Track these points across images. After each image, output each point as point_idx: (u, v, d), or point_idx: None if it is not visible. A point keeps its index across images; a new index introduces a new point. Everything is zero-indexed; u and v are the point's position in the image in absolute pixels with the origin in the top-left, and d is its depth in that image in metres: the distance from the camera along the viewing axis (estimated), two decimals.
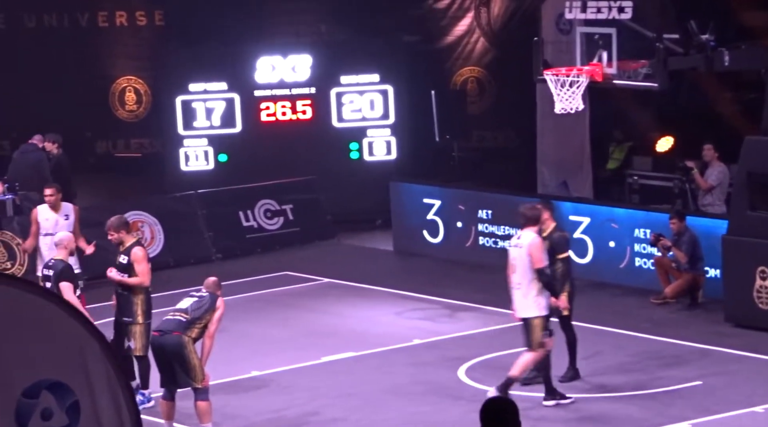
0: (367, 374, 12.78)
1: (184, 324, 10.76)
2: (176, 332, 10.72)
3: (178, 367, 10.70)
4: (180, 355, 10.67)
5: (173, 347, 10.69)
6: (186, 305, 10.90)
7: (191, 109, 19.69)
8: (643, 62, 14.44)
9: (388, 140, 19.78)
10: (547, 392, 11.59)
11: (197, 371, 10.71)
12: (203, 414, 10.83)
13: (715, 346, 13.25)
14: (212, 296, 11.03)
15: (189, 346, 10.71)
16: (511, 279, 11.56)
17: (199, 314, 10.83)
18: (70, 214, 13.46)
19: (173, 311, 10.94)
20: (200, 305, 10.88)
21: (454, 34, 22.02)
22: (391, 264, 17.63)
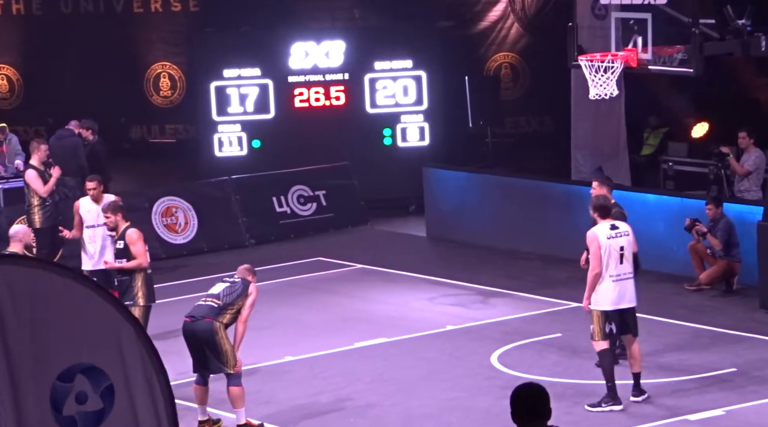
0: (400, 360, 12.80)
1: (216, 310, 10.80)
2: (208, 319, 10.75)
3: (210, 353, 10.74)
4: (212, 341, 10.72)
5: (205, 333, 10.73)
6: (218, 291, 10.93)
7: (225, 95, 19.74)
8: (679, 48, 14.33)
9: (422, 126, 19.75)
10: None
11: (229, 357, 10.75)
12: (236, 399, 10.88)
13: (750, 333, 13.18)
14: (244, 282, 11.06)
15: (221, 332, 10.75)
16: (617, 269, 11.28)
17: (231, 300, 10.86)
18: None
19: (205, 297, 10.98)
20: (232, 291, 10.91)
21: (488, 19, 21.95)
22: (424, 250, 17.63)
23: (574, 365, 12.36)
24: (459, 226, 17.69)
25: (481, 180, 17.76)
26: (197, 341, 10.78)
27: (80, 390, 6.58)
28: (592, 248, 11.18)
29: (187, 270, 16.68)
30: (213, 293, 10.95)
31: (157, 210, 17.61)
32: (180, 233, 17.64)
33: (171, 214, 17.65)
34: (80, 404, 6.58)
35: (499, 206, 17.33)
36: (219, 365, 10.78)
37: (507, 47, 21.92)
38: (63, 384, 6.55)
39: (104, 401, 6.62)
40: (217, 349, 10.73)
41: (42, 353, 6.56)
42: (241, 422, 10.92)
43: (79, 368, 6.58)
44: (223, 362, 10.76)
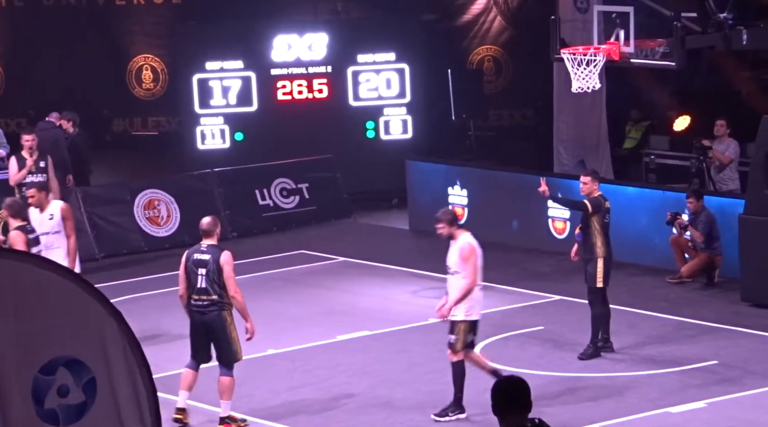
0: (382, 353, 12.81)
1: (217, 301, 10.71)
2: (215, 311, 10.69)
3: (221, 343, 10.68)
4: (222, 331, 10.66)
5: (214, 324, 10.66)
6: (204, 285, 10.76)
7: (208, 87, 19.70)
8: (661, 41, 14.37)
9: (405, 119, 19.76)
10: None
11: (238, 346, 10.72)
12: (227, 390, 10.81)
13: (732, 325, 13.24)
14: (214, 254, 10.76)
15: (229, 320, 10.70)
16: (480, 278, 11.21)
17: (218, 285, 10.70)
18: (56, 213, 12.85)
19: (197, 296, 10.76)
20: (209, 275, 10.70)
21: (471, 12, 21.97)
22: (406, 243, 17.64)
23: (557, 358, 12.39)
24: None
25: (464, 173, 17.78)
26: (207, 331, 10.72)
27: (62, 383, 6.58)
28: (473, 260, 10.83)
29: (170, 263, 16.61)
30: (200, 288, 10.77)
31: (140, 203, 17.58)
32: (162, 225, 17.61)
33: (153, 207, 17.62)
34: (62, 397, 6.58)
35: (482, 199, 17.35)
36: (228, 356, 10.72)
37: (490, 40, 21.94)
38: (45, 377, 6.55)
39: (86, 394, 6.62)
40: (228, 339, 10.69)
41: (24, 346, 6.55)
42: (224, 415, 10.90)
43: (61, 361, 6.58)
44: (234, 352, 10.71)
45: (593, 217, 12.30)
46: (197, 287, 10.78)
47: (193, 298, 10.81)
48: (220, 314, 10.72)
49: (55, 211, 12.90)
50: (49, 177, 15.42)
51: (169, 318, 13.38)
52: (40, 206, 12.86)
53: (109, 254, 17.10)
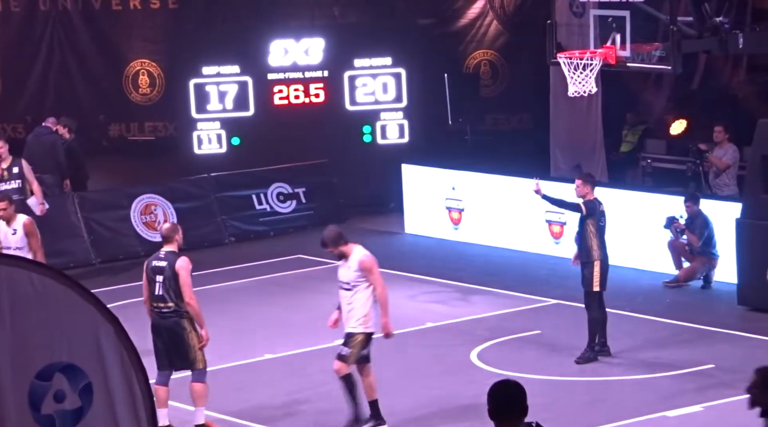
0: (379, 357, 12.78)
1: (175, 308, 10.66)
2: (173, 317, 10.65)
3: (178, 350, 10.61)
4: (179, 337, 10.59)
5: (171, 331, 10.61)
6: (161, 292, 10.66)
7: (204, 92, 19.70)
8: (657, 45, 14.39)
9: (401, 123, 19.76)
10: None
11: (197, 352, 10.63)
12: (199, 397, 10.71)
13: (728, 329, 13.24)
14: (170, 261, 10.68)
15: (188, 327, 10.62)
16: None
17: (174, 292, 10.63)
18: (18, 229, 12.64)
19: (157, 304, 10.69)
20: (166, 282, 10.63)
21: (467, 16, 21.98)
22: (403, 247, 17.64)
23: (554, 362, 12.40)
24: (438, 223, 17.72)
25: (460, 177, 17.79)
26: (166, 336, 10.66)
27: (58, 389, 6.57)
28: (375, 269, 10.73)
29: None
30: (158, 295, 10.69)
31: (136, 208, 17.57)
32: (159, 230, 17.58)
33: (150, 211, 17.61)
34: (58, 403, 6.57)
35: (479, 203, 17.36)
36: (185, 363, 10.65)
37: (486, 44, 21.96)
38: (41, 383, 6.54)
39: (82, 400, 6.61)
40: (186, 346, 10.61)
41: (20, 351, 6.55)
42: (199, 422, 10.75)
43: (57, 367, 6.57)
44: (193, 359, 10.62)
45: (588, 220, 12.31)
46: (155, 294, 10.71)
47: (153, 305, 10.75)
48: (179, 322, 10.64)
49: (18, 226, 12.68)
50: (28, 180, 15.18)
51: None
52: (7, 219, 12.70)
53: (105, 259, 17.09)
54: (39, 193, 15.01)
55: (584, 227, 12.33)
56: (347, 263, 10.76)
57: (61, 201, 17.18)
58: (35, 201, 14.92)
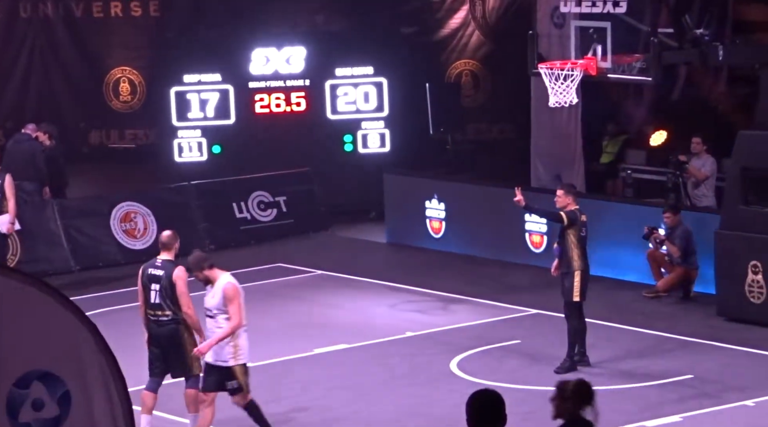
0: (360, 366, 12.80)
1: (171, 317, 10.65)
2: (171, 323, 10.66)
3: (175, 356, 10.63)
4: (177, 344, 10.60)
5: (169, 338, 10.61)
6: (158, 300, 10.66)
7: (185, 100, 19.68)
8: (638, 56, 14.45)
9: (383, 133, 19.78)
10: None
11: (194, 360, 10.64)
12: (192, 403, 10.73)
13: (707, 340, 13.28)
14: (167, 270, 10.65)
15: (184, 334, 10.64)
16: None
17: (171, 301, 10.62)
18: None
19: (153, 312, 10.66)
20: (163, 291, 10.61)
21: (449, 26, 22.03)
22: (384, 256, 17.65)
23: (534, 372, 12.41)
24: (419, 232, 17.73)
25: (441, 187, 17.80)
26: (162, 343, 10.67)
27: (37, 397, 6.53)
28: (238, 300, 10.37)
29: None
30: (154, 303, 10.67)
31: (116, 215, 17.52)
32: (139, 238, 17.55)
33: (130, 219, 17.57)
34: (37, 411, 6.54)
35: (460, 213, 17.38)
36: (181, 370, 10.65)
37: (468, 54, 22.01)
38: (20, 390, 6.50)
39: (61, 408, 6.58)
40: (182, 353, 10.62)
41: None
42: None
43: (35, 375, 6.53)
44: (188, 366, 10.64)
45: (569, 230, 12.34)
46: (151, 302, 10.70)
47: (148, 312, 10.74)
48: (177, 329, 10.63)
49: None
50: (7, 196, 14.79)
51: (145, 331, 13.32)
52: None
53: (85, 266, 17.04)
54: (13, 213, 14.86)
55: (565, 237, 12.36)
56: (212, 289, 10.49)
57: (40, 208, 17.12)
58: (6, 219, 14.80)
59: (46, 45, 22.59)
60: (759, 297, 13.67)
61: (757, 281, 13.66)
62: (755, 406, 11.37)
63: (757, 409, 11.31)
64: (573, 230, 12.31)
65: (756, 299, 13.69)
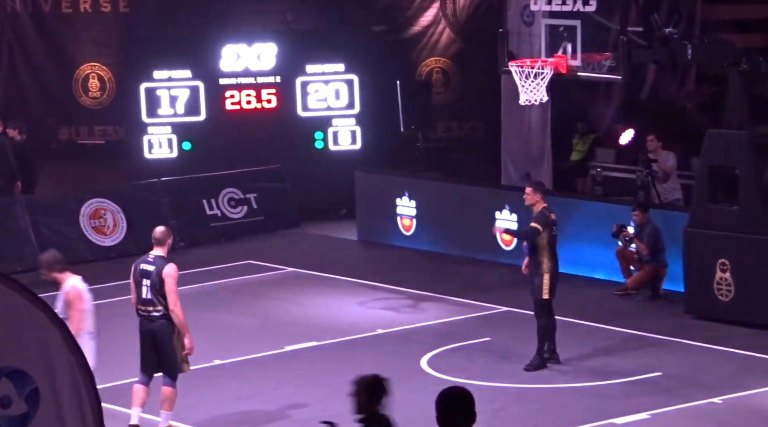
0: (330, 364, 12.80)
1: (163, 312, 10.63)
2: (162, 319, 10.63)
3: (165, 352, 10.60)
4: (167, 340, 10.59)
5: (160, 333, 10.59)
6: (149, 296, 10.68)
7: (155, 96, 19.60)
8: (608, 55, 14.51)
9: (353, 130, 19.77)
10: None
11: (183, 359, 10.63)
12: (169, 400, 10.72)
13: (676, 337, 13.36)
14: (158, 266, 10.66)
15: (175, 330, 10.62)
16: None
17: (162, 297, 10.64)
18: None
19: (144, 308, 10.67)
20: (154, 287, 10.61)
21: (419, 24, 22.04)
22: (355, 254, 17.65)
23: (503, 369, 12.45)
24: (390, 229, 17.74)
25: (412, 184, 17.82)
26: (153, 339, 10.64)
27: (4, 394, 6.50)
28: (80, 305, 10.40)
29: (116, 272, 16.49)
30: (145, 299, 10.69)
31: (85, 212, 17.44)
32: (108, 235, 17.48)
33: (99, 216, 17.49)
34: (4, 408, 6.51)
35: (431, 210, 17.40)
36: (170, 367, 10.63)
37: (438, 52, 22.02)
38: None
39: (29, 405, 6.55)
40: (172, 349, 10.61)
41: None
42: (164, 425, 10.77)
43: (4, 371, 6.50)
44: (178, 363, 10.62)
45: (534, 225, 12.36)
46: (142, 297, 10.74)
47: (139, 308, 10.77)
48: (168, 324, 10.65)
49: None
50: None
51: (114, 328, 13.27)
52: None
53: None
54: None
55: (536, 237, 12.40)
56: (60, 292, 10.50)
57: (8, 205, 17.02)
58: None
59: (14, 40, 22.43)
60: (727, 295, 13.76)
61: (725, 279, 13.76)
62: (723, 403, 11.45)
63: (724, 406, 11.39)
64: (544, 231, 12.35)
65: (724, 297, 13.79)
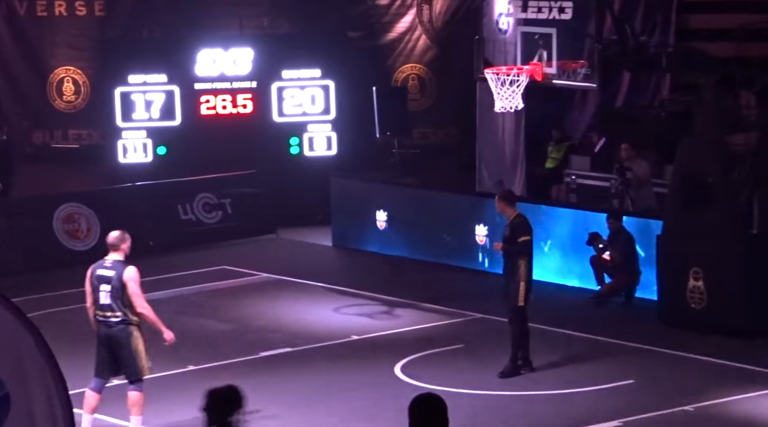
0: (304, 370, 12.79)
1: (122, 317, 10.57)
2: (121, 324, 10.56)
3: (124, 357, 10.54)
4: (126, 344, 10.52)
5: (119, 338, 10.52)
6: (108, 301, 10.57)
7: (130, 100, 19.55)
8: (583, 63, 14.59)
9: (329, 136, 19.77)
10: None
11: (143, 360, 10.56)
12: (136, 405, 10.66)
13: (648, 345, 13.41)
14: (118, 270, 10.57)
15: (134, 334, 10.55)
16: None
17: (121, 302, 10.55)
18: None
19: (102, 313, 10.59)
20: (114, 292, 10.53)
21: (396, 30, 22.08)
22: (329, 260, 17.64)
23: (477, 376, 12.46)
24: (365, 236, 17.75)
25: (387, 190, 17.83)
26: (112, 344, 10.57)
27: None
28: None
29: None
30: (104, 304, 10.60)
31: (59, 216, 17.37)
32: (82, 239, 17.41)
33: (73, 220, 17.42)
34: None
35: (405, 217, 17.41)
36: (132, 371, 10.57)
37: (414, 59, 22.07)
38: None
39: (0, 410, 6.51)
40: (132, 354, 10.54)
41: None
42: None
43: None
44: (139, 367, 10.56)
45: (523, 237, 12.34)
46: (100, 302, 10.62)
47: (98, 313, 10.66)
48: (126, 329, 10.55)
49: None
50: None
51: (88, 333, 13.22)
52: None
53: (27, 267, 16.86)
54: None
55: (515, 245, 12.38)
56: None
57: None
58: None
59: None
60: (700, 303, 13.83)
61: (697, 287, 13.82)
62: (695, 411, 11.50)
63: (696, 414, 11.44)
64: (527, 238, 12.34)
65: (696, 305, 13.85)
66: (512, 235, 12.36)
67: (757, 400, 11.69)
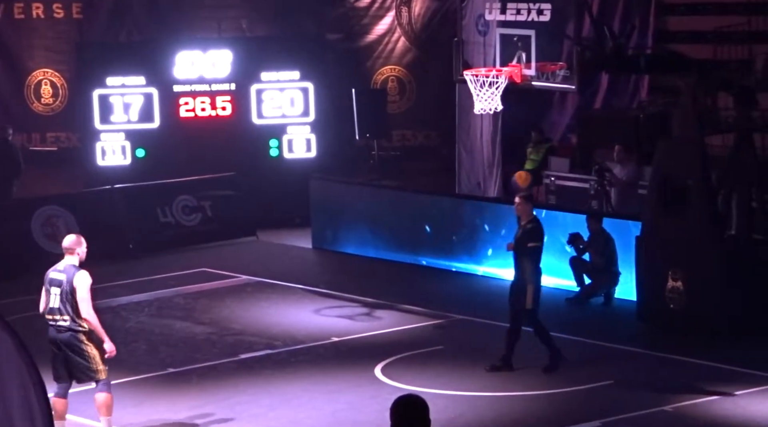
0: (284, 372, 12.78)
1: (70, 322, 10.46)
2: (70, 329, 10.45)
3: (77, 361, 10.44)
4: (77, 348, 10.41)
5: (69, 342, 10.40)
6: (57, 305, 10.46)
7: (108, 103, 19.49)
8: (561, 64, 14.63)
9: (308, 138, 19.77)
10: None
11: (98, 362, 10.45)
12: (103, 406, 10.55)
13: (628, 345, 13.45)
14: (69, 275, 10.48)
15: (84, 338, 10.44)
16: None
17: (72, 306, 10.42)
18: None
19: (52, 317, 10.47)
20: (64, 296, 10.42)
21: (375, 32, 22.11)
22: (309, 262, 17.63)
23: (457, 377, 12.48)
24: (345, 238, 17.75)
25: (367, 193, 17.83)
26: (63, 349, 10.47)
27: None
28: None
29: None
30: (53, 307, 10.47)
31: (38, 219, 17.29)
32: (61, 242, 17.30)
33: (52, 224, 17.35)
34: None
35: (385, 219, 17.42)
36: (86, 374, 10.50)
37: (394, 61, 22.10)
38: None
39: None
40: (84, 357, 10.45)
41: None
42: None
43: None
44: (93, 370, 10.48)
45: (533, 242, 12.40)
46: (50, 306, 10.51)
47: (47, 317, 10.55)
48: (75, 335, 10.43)
49: None
50: None
51: None
52: None
53: (5, 270, 16.78)
54: None
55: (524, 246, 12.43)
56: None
57: None
58: None
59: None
60: (678, 303, 13.88)
61: (676, 288, 13.87)
62: (674, 411, 11.54)
63: (675, 414, 11.49)
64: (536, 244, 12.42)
65: (675, 306, 13.90)
66: (523, 238, 12.43)
67: (736, 400, 11.74)
